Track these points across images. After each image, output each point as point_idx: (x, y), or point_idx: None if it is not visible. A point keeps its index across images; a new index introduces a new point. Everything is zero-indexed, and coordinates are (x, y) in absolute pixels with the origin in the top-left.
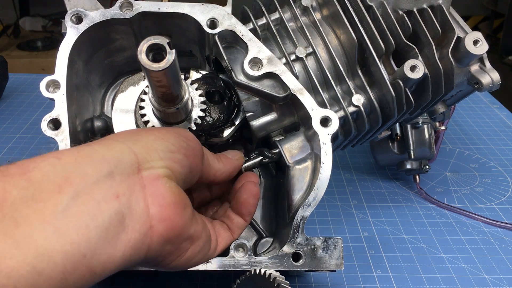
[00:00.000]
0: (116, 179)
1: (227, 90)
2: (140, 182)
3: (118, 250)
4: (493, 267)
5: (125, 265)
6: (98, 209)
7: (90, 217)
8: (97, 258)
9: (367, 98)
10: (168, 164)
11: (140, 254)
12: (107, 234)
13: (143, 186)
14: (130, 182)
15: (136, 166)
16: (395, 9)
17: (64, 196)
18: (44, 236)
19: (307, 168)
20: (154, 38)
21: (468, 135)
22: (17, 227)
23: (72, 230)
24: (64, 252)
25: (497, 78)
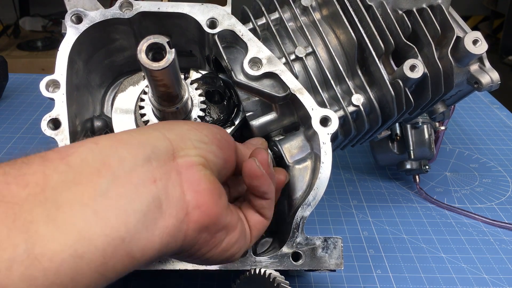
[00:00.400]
0: (153, 164)
1: (227, 90)
2: (176, 168)
3: (157, 236)
4: (493, 267)
5: (163, 252)
6: (136, 193)
7: (128, 201)
8: (135, 243)
9: (367, 97)
10: (202, 153)
11: (177, 241)
12: (146, 219)
13: (179, 173)
14: (166, 168)
15: (171, 153)
16: (394, 9)
17: (103, 180)
18: (85, 219)
19: (307, 168)
20: (153, 37)
21: (468, 135)
22: (59, 210)
23: (111, 214)
24: (105, 235)
25: (496, 78)
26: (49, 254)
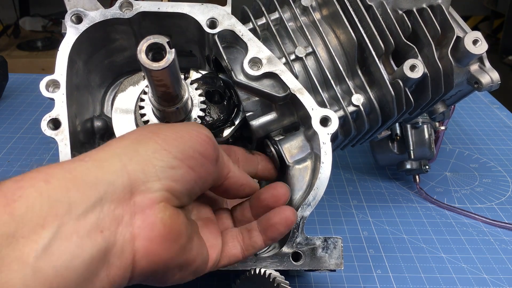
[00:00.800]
0: (104, 208)
1: (227, 90)
2: (131, 210)
3: (98, 286)
4: (493, 267)
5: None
6: (80, 247)
7: (71, 257)
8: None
9: (367, 97)
10: (166, 185)
11: (121, 285)
12: (87, 273)
13: (133, 215)
14: (119, 212)
15: (129, 189)
16: (394, 9)
17: (47, 233)
18: (23, 279)
19: (307, 168)
20: (153, 37)
21: (468, 135)
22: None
23: (51, 272)
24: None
25: (496, 78)
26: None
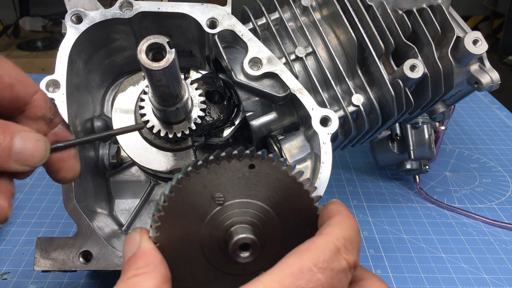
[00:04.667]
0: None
1: (227, 90)
2: None
3: None
4: (493, 267)
5: None
6: None
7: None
8: None
9: (367, 97)
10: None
11: None
12: None
13: None
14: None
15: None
16: (394, 9)
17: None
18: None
19: (307, 168)
20: (154, 37)
21: (468, 135)
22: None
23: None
24: None
25: (496, 78)
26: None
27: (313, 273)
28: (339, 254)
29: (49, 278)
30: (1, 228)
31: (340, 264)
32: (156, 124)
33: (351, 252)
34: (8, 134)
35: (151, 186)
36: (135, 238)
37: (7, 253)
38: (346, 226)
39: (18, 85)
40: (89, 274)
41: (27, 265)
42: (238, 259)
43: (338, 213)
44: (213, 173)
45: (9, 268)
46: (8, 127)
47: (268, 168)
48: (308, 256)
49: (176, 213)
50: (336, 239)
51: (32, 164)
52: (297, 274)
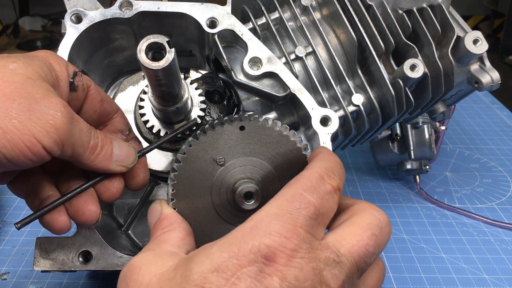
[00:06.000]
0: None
1: (227, 89)
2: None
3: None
4: (494, 267)
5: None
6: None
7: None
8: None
9: (367, 97)
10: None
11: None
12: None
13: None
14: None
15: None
16: (394, 9)
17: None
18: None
19: None
20: (153, 37)
21: (468, 135)
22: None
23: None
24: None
25: (497, 78)
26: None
27: (304, 196)
28: (323, 180)
29: (49, 278)
30: (1, 228)
31: (326, 187)
32: (156, 124)
33: (333, 178)
34: (108, 139)
35: (150, 186)
36: (157, 207)
37: (7, 253)
38: (327, 159)
39: (105, 102)
40: (89, 274)
41: (26, 265)
42: (245, 206)
43: (320, 152)
44: (211, 139)
45: (8, 268)
46: (106, 135)
47: (256, 127)
48: (297, 185)
49: (186, 179)
50: (319, 169)
51: (127, 165)
52: (291, 198)
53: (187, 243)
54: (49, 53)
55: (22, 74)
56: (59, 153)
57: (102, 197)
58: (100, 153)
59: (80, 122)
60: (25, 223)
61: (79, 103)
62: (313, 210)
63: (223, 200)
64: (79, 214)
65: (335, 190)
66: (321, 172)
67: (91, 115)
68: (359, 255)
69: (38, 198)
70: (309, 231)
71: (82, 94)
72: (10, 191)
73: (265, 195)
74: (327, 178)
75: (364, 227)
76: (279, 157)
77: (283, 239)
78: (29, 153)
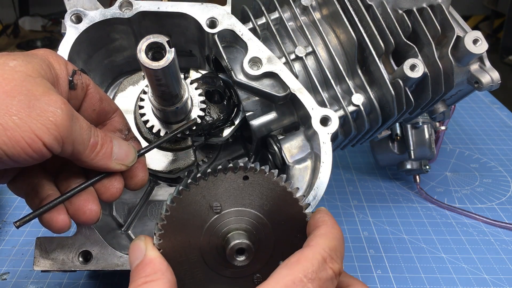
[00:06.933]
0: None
1: (227, 89)
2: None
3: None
4: (494, 267)
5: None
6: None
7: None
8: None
9: (367, 97)
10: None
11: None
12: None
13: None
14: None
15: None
16: (394, 9)
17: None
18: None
19: (307, 168)
20: (153, 36)
21: (468, 135)
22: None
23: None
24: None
25: (497, 77)
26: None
27: (304, 283)
28: (325, 263)
29: (49, 278)
30: (1, 228)
31: (327, 273)
32: (155, 123)
33: (336, 261)
34: (108, 137)
35: (150, 186)
36: (140, 246)
37: (7, 253)
38: (331, 236)
39: (104, 101)
40: (89, 274)
41: (26, 265)
42: (235, 262)
43: (324, 223)
44: (211, 185)
45: (8, 268)
46: (106, 134)
47: (260, 179)
48: (298, 268)
49: (177, 221)
50: (322, 250)
51: (127, 163)
52: (290, 285)
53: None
54: (48, 51)
55: (22, 72)
56: (59, 150)
57: (102, 197)
58: (100, 151)
59: (80, 120)
60: (24, 221)
61: (78, 102)
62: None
63: (211, 248)
64: (79, 214)
65: (336, 275)
66: (324, 253)
67: (90, 114)
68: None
69: (38, 197)
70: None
71: (81, 92)
72: (10, 190)
73: (258, 252)
74: (329, 261)
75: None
76: (278, 213)
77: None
78: (29, 150)
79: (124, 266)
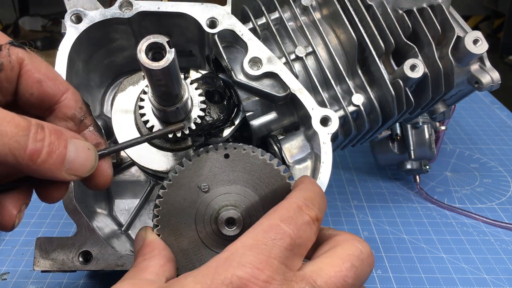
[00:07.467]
0: None
1: (227, 89)
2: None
3: None
4: (494, 267)
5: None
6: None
7: None
8: None
9: (367, 97)
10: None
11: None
12: None
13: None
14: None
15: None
16: (395, 9)
17: None
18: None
19: (307, 168)
20: (153, 37)
21: (468, 135)
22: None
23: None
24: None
25: (497, 78)
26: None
27: (280, 227)
28: (301, 210)
29: (49, 278)
30: None
31: (303, 218)
32: (156, 124)
33: (312, 208)
34: (62, 141)
35: (150, 186)
36: (141, 234)
37: (7, 253)
38: (307, 189)
39: (47, 82)
40: (89, 274)
41: (26, 265)
42: (226, 232)
43: (302, 181)
44: (196, 166)
45: (8, 268)
46: (61, 134)
47: (240, 155)
48: (275, 215)
49: (171, 205)
50: (298, 199)
51: (81, 174)
52: (267, 229)
53: (167, 270)
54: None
55: None
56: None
57: (40, 197)
58: (46, 161)
59: (2, 124)
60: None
61: (10, 86)
62: (289, 241)
63: (207, 227)
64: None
65: (313, 221)
66: (299, 202)
67: (28, 100)
68: (337, 287)
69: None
70: (283, 262)
71: (12, 73)
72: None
73: (249, 222)
74: (305, 209)
75: (343, 258)
76: (263, 186)
77: (255, 270)
78: None
79: (124, 266)
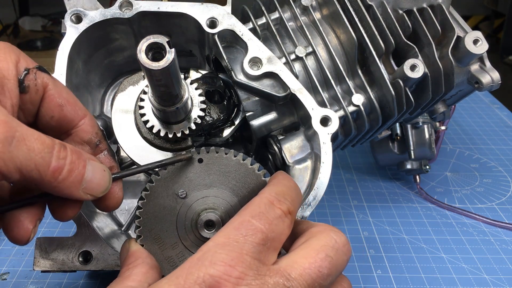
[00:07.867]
0: None
1: (227, 89)
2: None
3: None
4: (494, 267)
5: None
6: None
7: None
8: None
9: (367, 97)
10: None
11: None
12: None
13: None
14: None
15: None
16: (395, 9)
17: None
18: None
19: (307, 168)
20: (153, 37)
21: (468, 135)
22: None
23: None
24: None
25: (497, 78)
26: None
27: (251, 223)
28: (272, 205)
29: (49, 278)
30: None
31: (275, 212)
32: (156, 124)
33: (283, 202)
34: (81, 161)
35: None
36: (125, 246)
37: (7, 253)
38: (279, 184)
39: (67, 107)
40: (89, 274)
41: (26, 265)
42: (207, 235)
43: (275, 177)
44: (171, 173)
45: (8, 268)
46: (81, 154)
47: (214, 159)
48: (246, 212)
49: (151, 215)
50: (268, 195)
51: (96, 194)
52: (238, 226)
53: (149, 276)
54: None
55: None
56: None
57: (53, 215)
58: (67, 179)
59: (30, 140)
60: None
61: (33, 108)
62: (260, 236)
63: (189, 232)
64: (7, 230)
65: (285, 214)
66: (270, 197)
67: (48, 122)
68: (312, 278)
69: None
70: (256, 257)
71: (36, 96)
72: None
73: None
74: (276, 203)
75: (317, 249)
76: (240, 186)
77: (227, 267)
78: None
79: None
